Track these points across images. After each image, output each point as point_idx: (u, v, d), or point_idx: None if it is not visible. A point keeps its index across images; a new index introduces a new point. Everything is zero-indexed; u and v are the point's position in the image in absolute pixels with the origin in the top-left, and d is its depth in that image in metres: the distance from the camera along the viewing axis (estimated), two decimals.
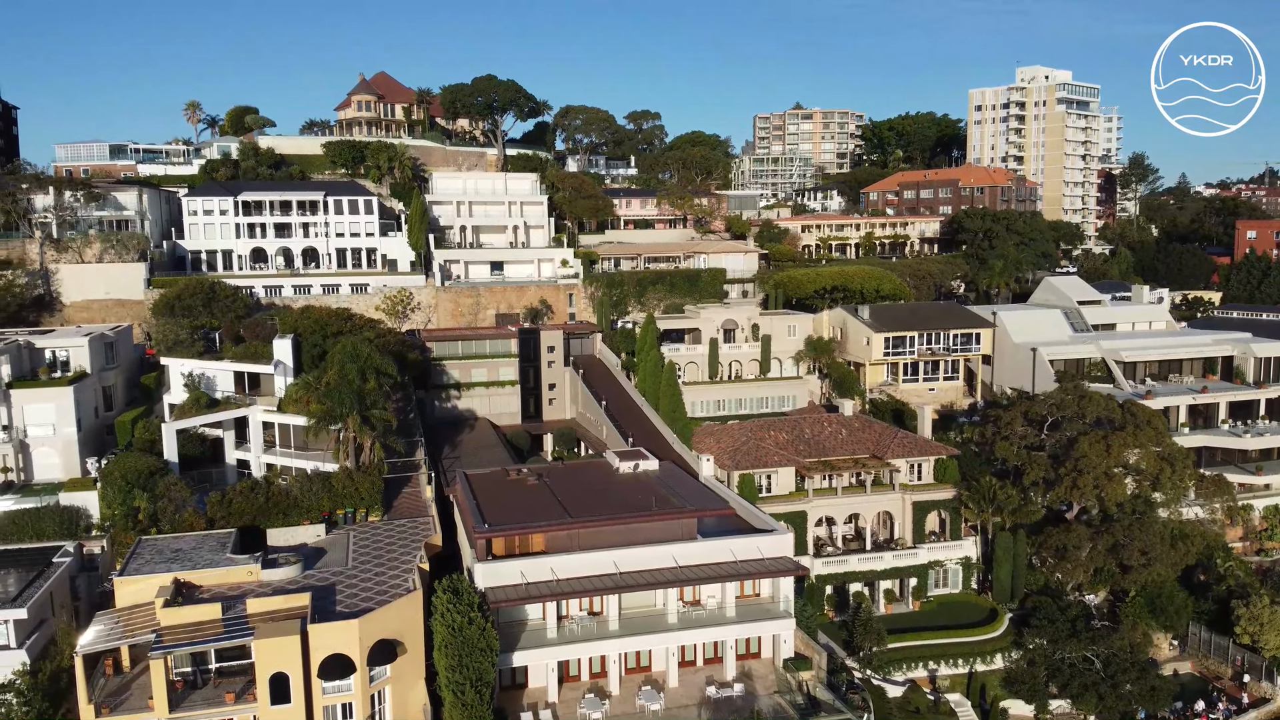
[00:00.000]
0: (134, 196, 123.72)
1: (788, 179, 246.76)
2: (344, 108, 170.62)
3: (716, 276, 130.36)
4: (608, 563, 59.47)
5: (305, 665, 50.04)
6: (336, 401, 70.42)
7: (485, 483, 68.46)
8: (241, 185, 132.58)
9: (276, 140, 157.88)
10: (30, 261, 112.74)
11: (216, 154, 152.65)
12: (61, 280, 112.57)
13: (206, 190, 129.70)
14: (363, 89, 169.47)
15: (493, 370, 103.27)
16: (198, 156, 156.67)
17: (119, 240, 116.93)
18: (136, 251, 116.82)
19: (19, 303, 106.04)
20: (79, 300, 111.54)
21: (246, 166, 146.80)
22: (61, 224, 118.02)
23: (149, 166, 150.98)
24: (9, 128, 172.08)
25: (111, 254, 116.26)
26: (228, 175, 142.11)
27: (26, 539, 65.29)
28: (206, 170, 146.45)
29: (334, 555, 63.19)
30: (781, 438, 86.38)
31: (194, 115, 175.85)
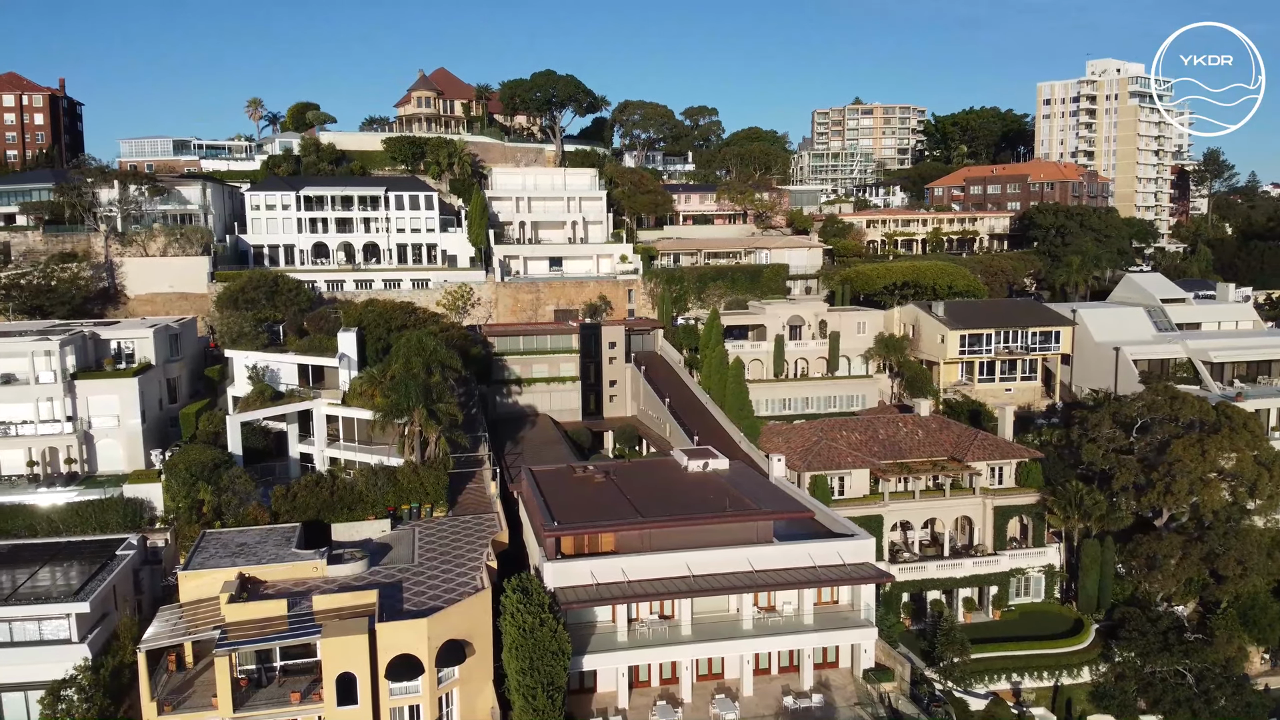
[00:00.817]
0: (197, 190, 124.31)
1: (848, 174, 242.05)
2: (404, 104, 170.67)
3: (779, 272, 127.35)
4: (681, 565, 57.01)
5: (373, 665, 48.33)
6: (402, 394, 68.95)
7: (551, 479, 66.41)
8: (303, 180, 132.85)
9: (337, 136, 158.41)
10: (95, 255, 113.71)
11: (278, 150, 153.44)
12: (126, 273, 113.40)
13: (269, 185, 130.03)
14: (422, 85, 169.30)
15: (553, 366, 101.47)
16: (260, 152, 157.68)
17: (183, 234, 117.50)
18: (200, 245, 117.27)
19: (84, 295, 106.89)
20: (143, 294, 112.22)
21: (308, 162, 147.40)
22: (126, 218, 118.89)
23: (212, 162, 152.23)
24: (74, 124, 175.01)
25: (175, 248, 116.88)
26: (289, 171, 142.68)
27: (90, 531, 64.76)
28: (268, 166, 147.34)
29: (400, 551, 61.66)
30: (855, 438, 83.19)
31: (256, 112, 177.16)
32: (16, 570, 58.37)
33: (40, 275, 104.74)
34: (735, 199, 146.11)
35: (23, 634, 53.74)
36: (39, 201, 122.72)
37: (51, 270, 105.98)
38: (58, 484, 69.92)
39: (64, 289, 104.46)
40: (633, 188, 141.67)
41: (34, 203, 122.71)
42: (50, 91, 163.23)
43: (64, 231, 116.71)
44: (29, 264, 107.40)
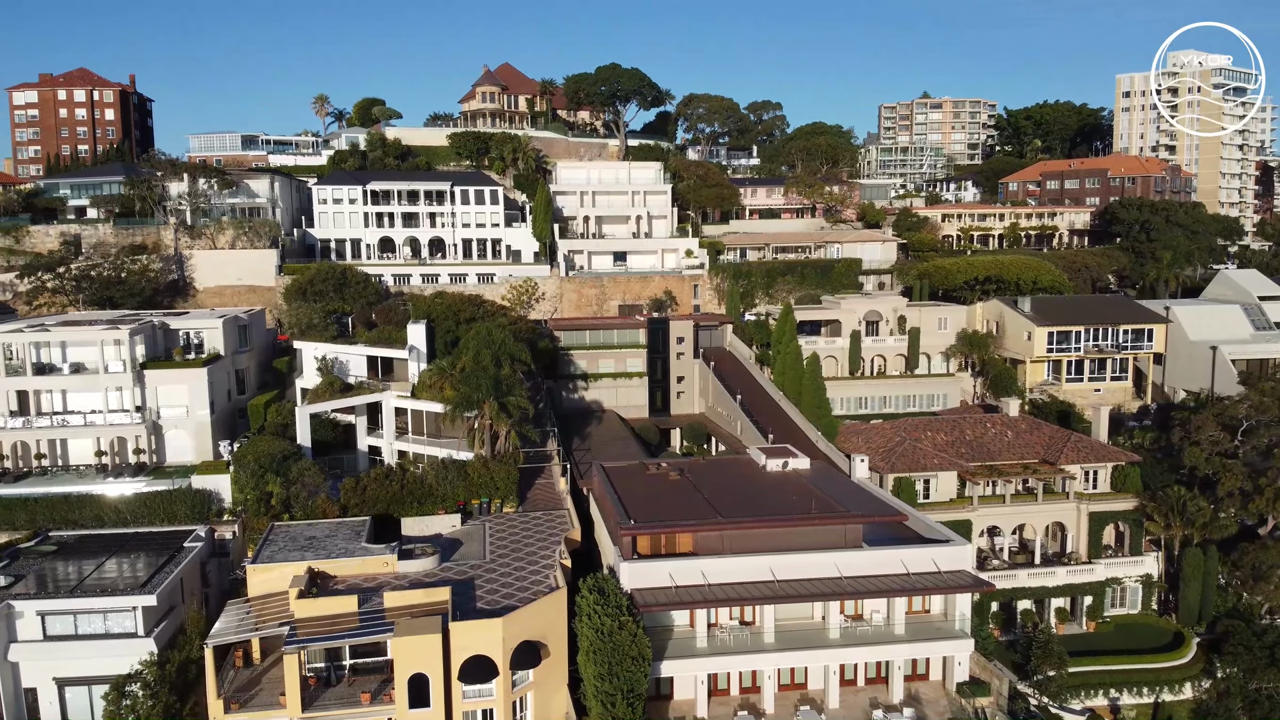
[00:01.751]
0: (266, 184, 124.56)
1: (917, 169, 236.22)
2: (468, 99, 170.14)
3: (851, 267, 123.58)
4: (764, 569, 54.01)
5: (445, 666, 46.21)
6: (473, 387, 67.07)
7: (624, 476, 63.94)
8: (369, 175, 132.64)
9: (402, 131, 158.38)
10: (165, 247, 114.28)
11: (344, 145, 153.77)
12: (195, 266, 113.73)
13: (336, 179, 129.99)
14: (487, 80, 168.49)
15: (620, 361, 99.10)
16: (326, 148, 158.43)
17: (251, 227, 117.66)
18: (268, 238, 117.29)
19: (153, 287, 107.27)
20: (212, 286, 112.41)
21: (374, 157, 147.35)
22: (195, 211, 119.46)
23: (279, 157, 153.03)
24: (144, 120, 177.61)
25: (244, 241, 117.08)
26: (355, 166, 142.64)
27: (157, 522, 63.94)
28: (335, 161, 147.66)
29: (470, 547, 59.63)
30: (940, 439, 79.34)
31: (322, 108, 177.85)
32: (83, 561, 57.59)
33: (110, 267, 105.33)
34: (804, 192, 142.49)
35: (88, 627, 52.69)
36: (109, 195, 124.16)
37: (122, 262, 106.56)
38: (126, 474, 69.33)
39: (134, 281, 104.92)
40: (698, 181, 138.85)
41: (105, 196, 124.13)
42: (121, 87, 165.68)
43: (134, 224, 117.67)
44: (99, 256, 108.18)
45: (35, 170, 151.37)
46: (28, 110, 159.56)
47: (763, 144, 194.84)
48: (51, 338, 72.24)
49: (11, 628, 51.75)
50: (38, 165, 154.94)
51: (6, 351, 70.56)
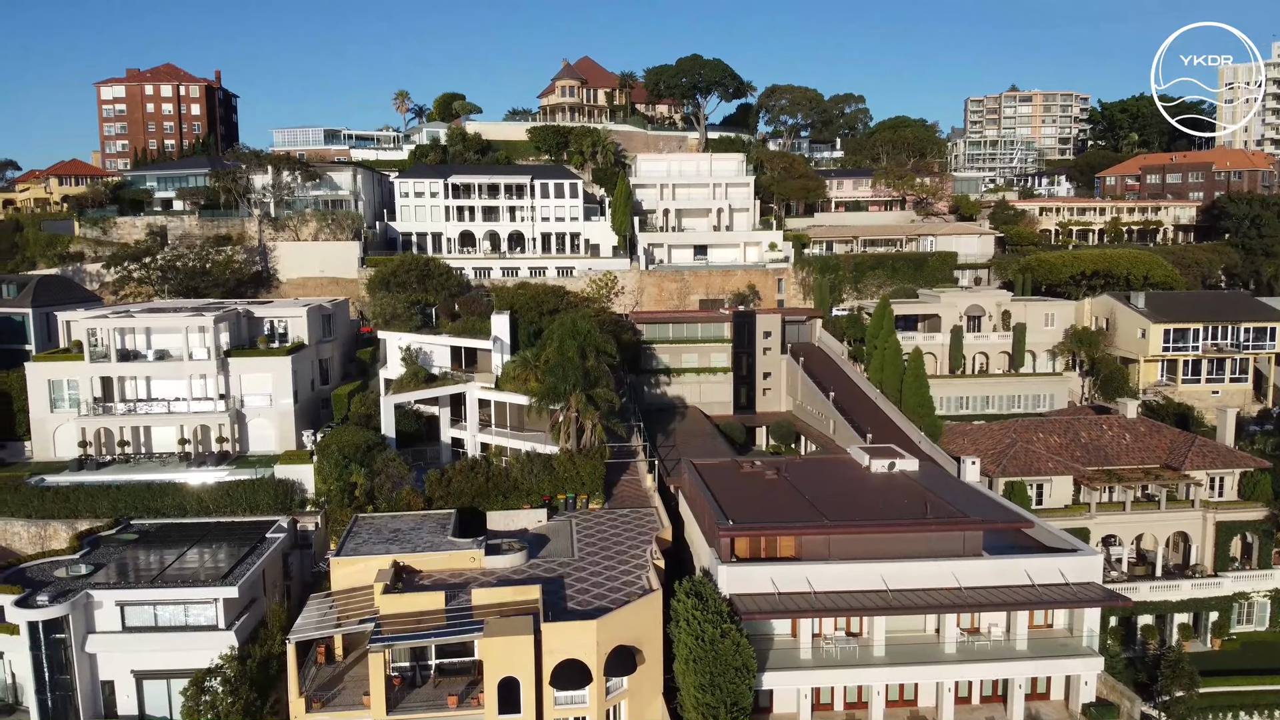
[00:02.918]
0: (349, 176, 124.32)
1: (1007, 163, 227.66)
2: (547, 94, 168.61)
3: (946, 260, 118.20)
4: (874, 577, 50.10)
5: (537, 670, 43.43)
6: (559, 378, 64.46)
7: (717, 475, 60.47)
8: (450, 168, 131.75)
9: (482, 126, 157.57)
10: (249, 238, 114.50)
11: (425, 139, 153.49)
12: (279, 257, 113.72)
13: (417, 172, 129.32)
14: (566, 74, 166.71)
15: (704, 356, 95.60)
16: (407, 142, 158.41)
17: (334, 219, 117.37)
18: (351, 231, 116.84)
19: (238, 278, 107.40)
20: (295, 277, 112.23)
21: (454, 151, 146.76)
22: (279, 203, 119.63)
23: (361, 151, 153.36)
24: (229, 115, 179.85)
25: (326, 233, 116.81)
26: (436, 160, 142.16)
27: (240, 512, 62.65)
28: (415, 155, 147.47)
29: (558, 544, 56.98)
30: (1054, 441, 74.16)
31: (402, 104, 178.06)
32: (164, 551, 56.48)
33: (196, 258, 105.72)
34: (894, 184, 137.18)
35: (168, 618, 51.36)
36: (195, 187, 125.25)
37: (206, 253, 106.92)
38: (208, 463, 68.30)
39: (218, 272, 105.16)
40: (783, 172, 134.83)
41: (191, 188, 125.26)
42: (206, 83, 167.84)
43: (219, 216, 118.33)
44: (185, 247, 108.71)
45: (122, 164, 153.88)
46: (115, 105, 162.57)
47: (845, 137, 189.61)
48: (136, 324, 71.69)
49: (90, 618, 50.72)
50: (125, 159, 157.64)
51: (91, 337, 70.11)
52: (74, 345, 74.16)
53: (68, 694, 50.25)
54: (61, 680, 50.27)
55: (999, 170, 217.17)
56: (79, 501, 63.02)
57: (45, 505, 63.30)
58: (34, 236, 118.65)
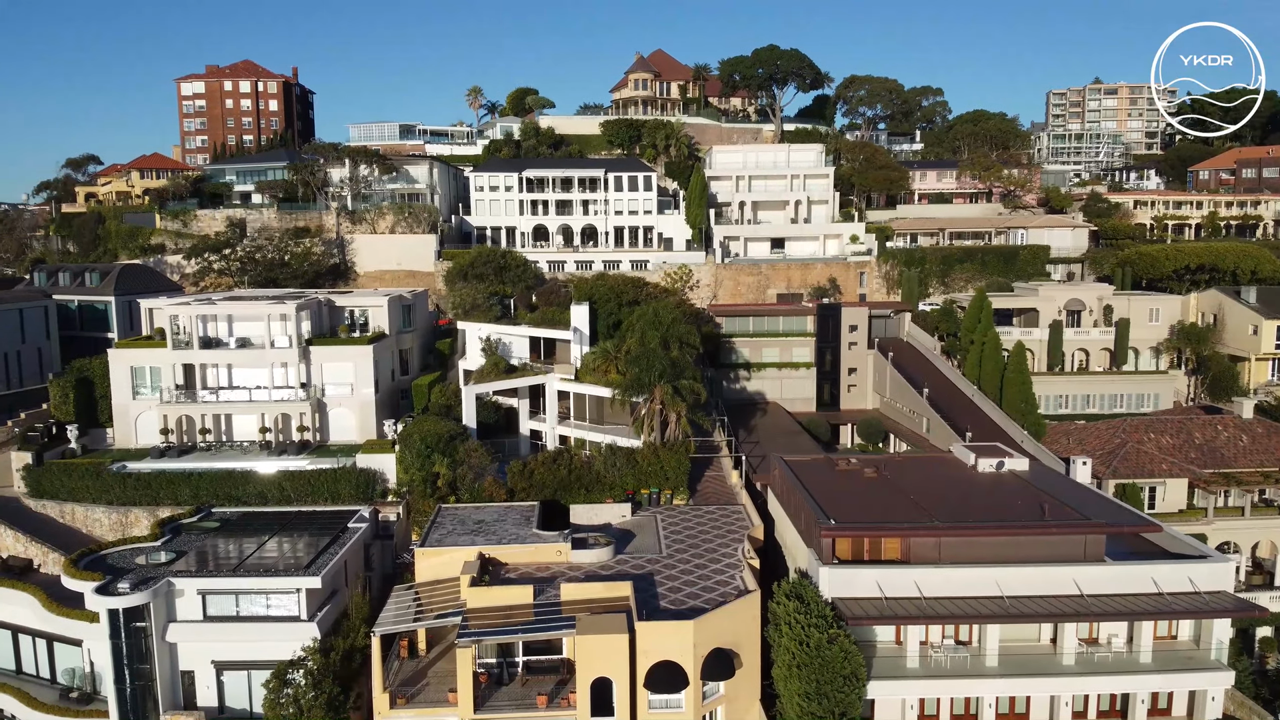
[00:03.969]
0: (425, 170, 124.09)
1: (1093, 157, 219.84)
2: (620, 88, 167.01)
3: (1038, 254, 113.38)
4: (989, 582, 46.74)
5: (632, 671, 41.11)
6: (644, 368, 62.24)
7: (811, 472, 57.50)
8: (525, 162, 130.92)
9: (555, 120, 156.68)
10: (327, 231, 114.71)
11: (499, 134, 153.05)
12: (356, 250, 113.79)
13: (492, 166, 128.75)
14: (640, 67, 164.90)
15: (786, 350, 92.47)
16: (480, 138, 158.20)
17: (411, 213, 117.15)
18: (427, 224, 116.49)
19: (316, 270, 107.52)
20: (372, 270, 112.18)
21: (527, 146, 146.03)
22: (356, 196, 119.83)
23: (435, 146, 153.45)
24: (306, 111, 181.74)
25: (403, 226, 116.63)
26: (509, 154, 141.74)
27: (321, 500, 61.62)
28: (489, 150, 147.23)
29: (644, 540, 54.64)
30: (1166, 442, 69.71)
31: (475, 100, 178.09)
32: (245, 539, 55.43)
33: (274, 250, 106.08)
34: (981, 176, 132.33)
35: (249, 608, 50.06)
36: (274, 181, 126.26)
37: (285, 245, 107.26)
38: (289, 452, 67.49)
39: (297, 263, 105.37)
40: (864, 163, 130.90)
41: (269, 182, 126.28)
42: (284, 79, 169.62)
43: (297, 209, 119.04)
44: (264, 239, 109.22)
45: (202, 159, 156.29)
46: (195, 101, 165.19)
47: (923, 131, 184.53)
48: (218, 311, 71.31)
49: (171, 607, 49.61)
50: (204, 154, 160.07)
51: (174, 324, 69.91)
52: (156, 333, 74.16)
53: (147, 684, 49.15)
54: (141, 670, 49.18)
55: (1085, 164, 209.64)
56: (160, 488, 62.65)
57: (127, 492, 63.05)
58: (116, 229, 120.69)
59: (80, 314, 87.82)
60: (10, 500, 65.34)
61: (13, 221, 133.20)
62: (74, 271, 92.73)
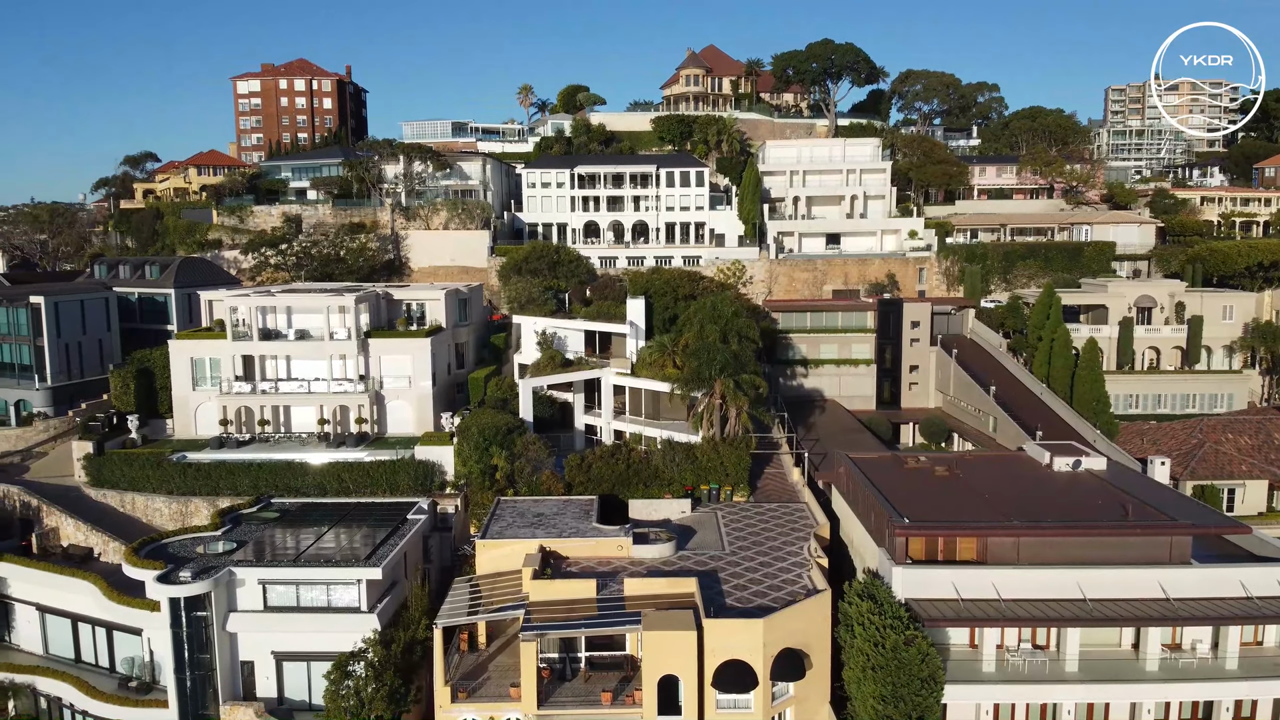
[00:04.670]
0: (478, 166, 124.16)
1: (1154, 153, 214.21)
2: (671, 83, 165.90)
3: (1103, 250, 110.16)
4: (1069, 584, 44.86)
5: (699, 670, 39.94)
6: (704, 362, 60.96)
7: (880, 470, 55.85)
8: (576, 159, 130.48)
9: (606, 117, 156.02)
10: (381, 226, 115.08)
11: (550, 131, 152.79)
12: (410, 246, 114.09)
13: (543, 163, 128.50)
14: (691, 63, 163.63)
15: (844, 346, 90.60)
16: (532, 135, 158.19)
17: (464, 209, 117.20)
18: (480, 220, 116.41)
19: (371, 266, 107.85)
20: (426, 266, 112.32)
21: (578, 143, 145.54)
22: (410, 192, 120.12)
23: (487, 144, 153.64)
24: (359, 109, 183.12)
25: (456, 222, 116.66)
26: (560, 151, 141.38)
27: (380, 492, 61.33)
28: (540, 147, 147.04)
29: (704, 536, 53.43)
30: (1244, 443, 66.92)
31: (526, 98, 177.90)
32: (304, 530, 55.28)
33: (330, 245, 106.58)
34: (1042, 171, 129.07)
35: (309, 599, 49.65)
36: (329, 177, 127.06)
37: (341, 240, 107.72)
38: (348, 443, 67.35)
39: (352, 259, 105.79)
40: (923, 157, 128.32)
41: (324, 178, 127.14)
42: (338, 78, 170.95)
43: (352, 205, 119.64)
44: (319, 234, 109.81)
45: (257, 157, 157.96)
46: (251, 99, 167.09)
47: (979, 127, 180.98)
48: (277, 303, 71.50)
49: (232, 596, 49.36)
50: (259, 152, 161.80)
51: (234, 316, 70.15)
52: (216, 325, 74.61)
53: (207, 674, 49.02)
54: (201, 659, 49.03)
55: (1146, 161, 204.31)
56: (220, 478, 62.81)
57: (187, 482, 63.34)
58: (174, 224, 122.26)
59: (140, 306, 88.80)
60: (71, 489, 66.01)
61: (73, 216, 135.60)
62: (134, 264, 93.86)
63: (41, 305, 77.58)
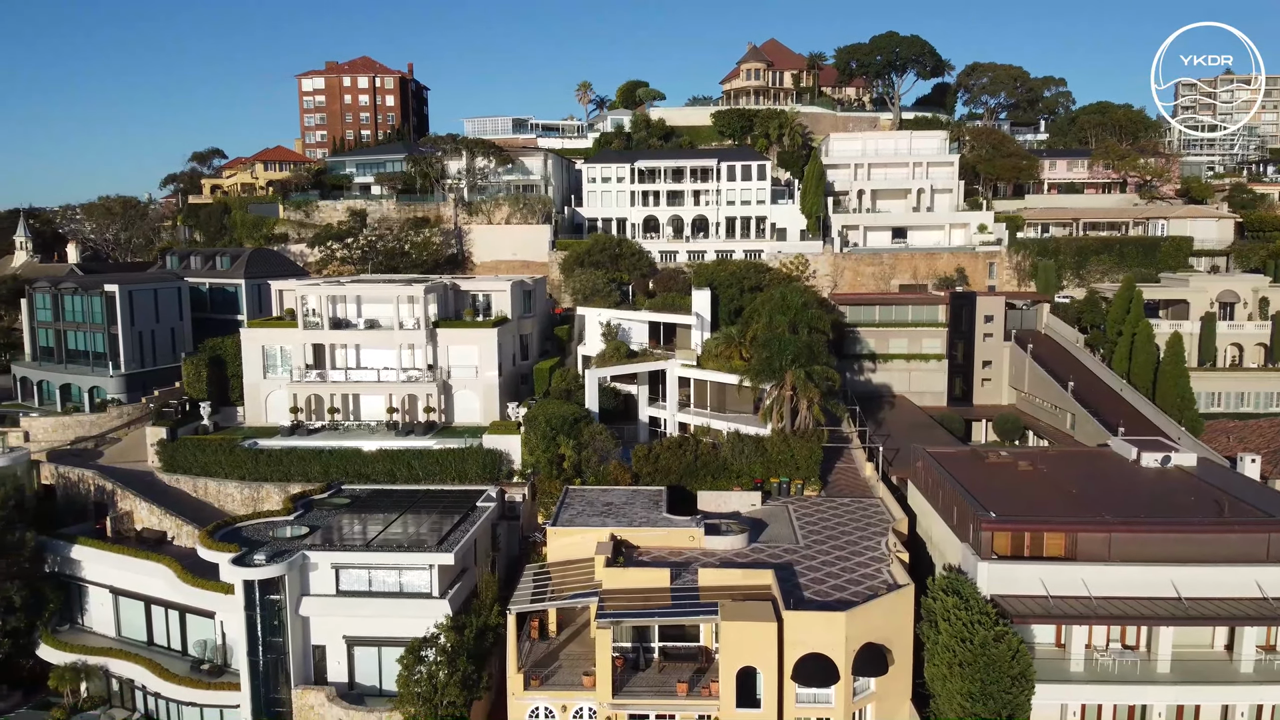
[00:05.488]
0: (539, 161, 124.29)
1: (1227, 150, 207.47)
2: (731, 78, 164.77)
3: (1180, 246, 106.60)
4: (1163, 582, 43.02)
5: (780, 662, 38.96)
6: (774, 352, 59.85)
7: (960, 465, 54.21)
8: (636, 154, 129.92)
9: (666, 112, 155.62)
10: (444, 221, 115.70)
11: (609, 127, 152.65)
12: (473, 240, 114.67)
13: (603, 158, 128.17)
14: (752, 57, 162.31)
15: (914, 341, 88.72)
16: (591, 131, 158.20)
17: (526, 203, 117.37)
18: (541, 215, 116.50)
19: (435, 260, 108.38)
20: (488, 260, 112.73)
21: (638, 138, 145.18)
22: (472, 188, 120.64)
23: (546, 140, 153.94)
24: (421, 106, 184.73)
25: (518, 217, 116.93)
26: (620, 147, 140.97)
27: (449, 480, 61.24)
28: (600, 142, 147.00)
29: (777, 529, 52.35)
30: None
31: (585, 95, 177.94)
32: (375, 516, 55.33)
33: (395, 239, 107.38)
34: (1116, 165, 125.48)
35: (381, 583, 49.56)
36: (392, 173, 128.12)
37: (405, 235, 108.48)
38: (416, 432, 67.48)
39: (417, 253, 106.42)
40: (991, 150, 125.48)
41: (388, 174, 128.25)
42: (400, 75, 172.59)
43: (415, 200, 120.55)
44: (384, 229, 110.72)
45: (321, 153, 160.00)
46: (315, 96, 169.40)
47: (1046, 122, 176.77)
48: (347, 292, 71.95)
49: (305, 580, 49.45)
50: (323, 149, 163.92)
51: (304, 306, 70.72)
52: (286, 314, 75.28)
53: (279, 657, 49.14)
54: (274, 643, 49.19)
55: (1219, 157, 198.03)
56: (291, 465, 63.17)
57: (259, 468, 63.76)
58: (241, 218, 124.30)
59: (210, 296, 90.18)
60: (144, 474, 66.84)
61: (143, 209, 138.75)
62: (204, 255, 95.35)
63: (116, 293, 79.05)
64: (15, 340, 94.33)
